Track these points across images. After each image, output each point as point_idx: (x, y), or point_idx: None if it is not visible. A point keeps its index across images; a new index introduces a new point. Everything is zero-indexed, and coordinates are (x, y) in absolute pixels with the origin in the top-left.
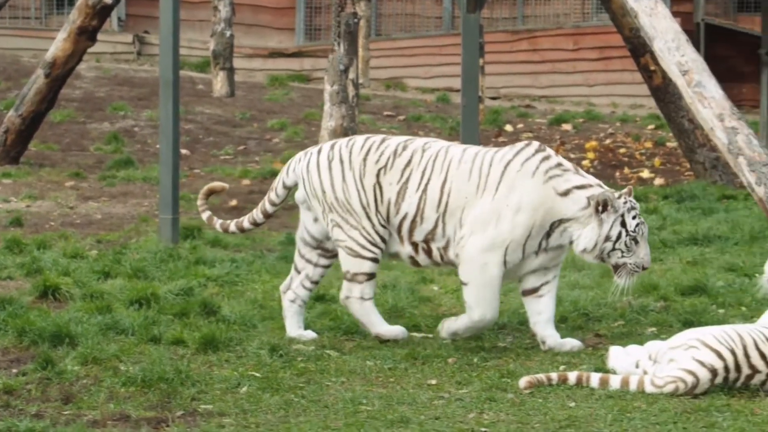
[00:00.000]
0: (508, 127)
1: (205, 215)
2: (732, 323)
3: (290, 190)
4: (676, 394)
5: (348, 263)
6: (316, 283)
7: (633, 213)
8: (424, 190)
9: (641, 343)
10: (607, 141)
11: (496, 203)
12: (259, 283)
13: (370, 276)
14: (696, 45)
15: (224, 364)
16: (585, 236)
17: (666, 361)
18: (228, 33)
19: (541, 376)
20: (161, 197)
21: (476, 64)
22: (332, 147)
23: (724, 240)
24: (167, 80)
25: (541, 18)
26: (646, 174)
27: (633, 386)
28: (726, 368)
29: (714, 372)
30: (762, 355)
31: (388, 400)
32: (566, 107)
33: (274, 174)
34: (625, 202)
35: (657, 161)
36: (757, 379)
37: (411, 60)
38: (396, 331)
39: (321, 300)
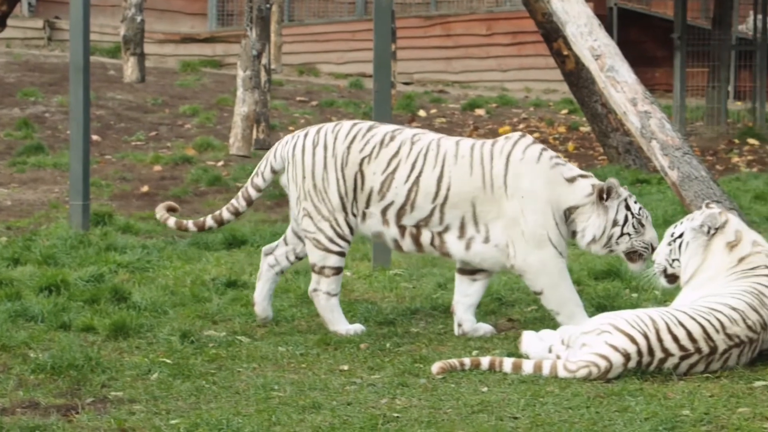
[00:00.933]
0: (422, 113)
1: (171, 222)
2: (644, 307)
3: (277, 174)
4: (589, 378)
5: (315, 256)
6: (300, 259)
7: (633, 198)
8: (415, 182)
9: (554, 328)
10: (521, 126)
11: (512, 200)
12: (170, 269)
13: (338, 270)
14: (609, 29)
15: (135, 351)
16: (592, 225)
17: (579, 346)
18: (139, 18)
19: (454, 361)
20: (72, 183)
21: (388, 49)
22: (318, 132)
23: None
24: (78, 66)
25: (454, 3)
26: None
27: (546, 371)
28: (639, 352)
29: (627, 356)
30: (675, 338)
31: (300, 386)
32: (479, 92)
33: (186, 160)
34: (630, 194)
35: (570, 146)
36: (670, 362)
37: (324, 45)
38: (356, 329)
39: (232, 286)
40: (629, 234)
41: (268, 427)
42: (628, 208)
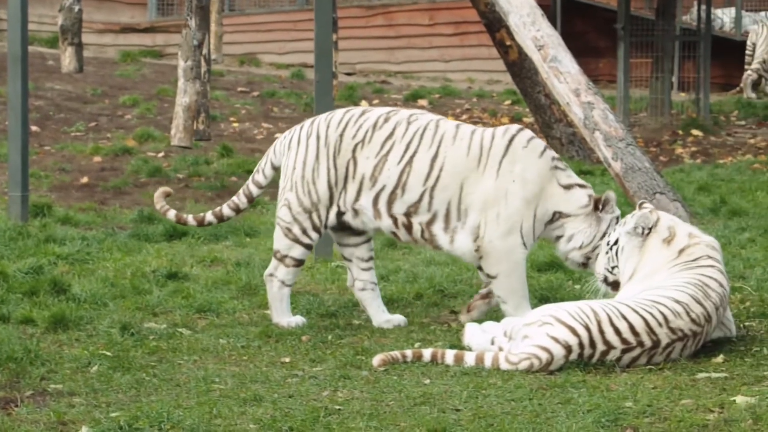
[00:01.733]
0: (364, 103)
1: (170, 214)
2: (587, 299)
3: (278, 170)
4: (530, 370)
5: (281, 243)
6: (370, 259)
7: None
8: (409, 162)
9: (497, 319)
10: (464, 117)
11: (501, 180)
12: (110, 261)
13: (299, 263)
14: (552, 20)
15: (74, 343)
16: (583, 233)
17: (520, 338)
18: (77, 8)
19: (396, 353)
20: (10, 175)
21: (329, 39)
22: (312, 122)
23: None
24: (16, 56)
25: None
26: None
27: (488, 363)
28: (580, 344)
29: (568, 348)
30: (617, 331)
31: (241, 378)
32: (422, 83)
33: (127, 151)
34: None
35: None
36: (612, 355)
37: (265, 35)
38: (296, 321)
39: (173, 278)
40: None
41: (208, 420)
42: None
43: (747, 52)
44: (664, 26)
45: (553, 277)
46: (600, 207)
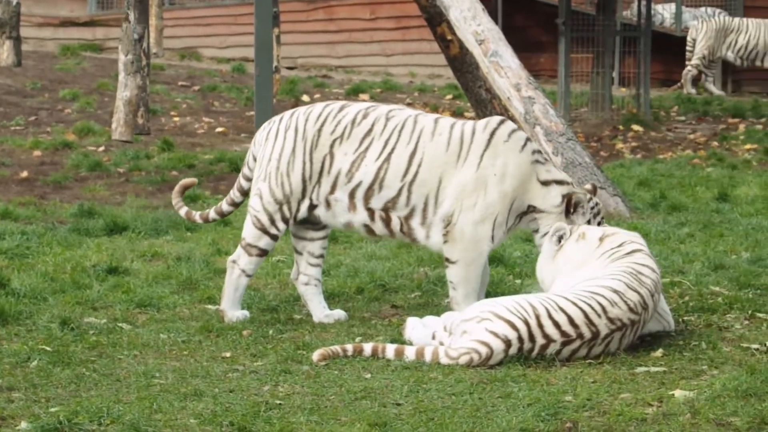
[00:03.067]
0: (305, 98)
1: (182, 211)
2: (528, 293)
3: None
4: (470, 365)
5: (249, 232)
6: (320, 257)
7: (598, 219)
8: (387, 159)
9: (438, 314)
10: None
11: (481, 172)
12: (50, 255)
13: (263, 253)
14: (493, 15)
15: (14, 338)
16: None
17: (459, 333)
18: (15, 1)
19: (337, 348)
20: None
21: (269, 33)
22: (291, 115)
23: None
24: None
25: None
26: None
27: (428, 357)
28: (520, 338)
29: (508, 342)
30: (556, 324)
31: (182, 373)
32: (364, 77)
33: (67, 145)
34: (593, 207)
35: None
36: (552, 348)
37: (206, 29)
38: (239, 315)
39: (113, 273)
40: None
41: (149, 415)
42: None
43: (687, 48)
44: (605, 22)
45: (494, 272)
46: (571, 209)
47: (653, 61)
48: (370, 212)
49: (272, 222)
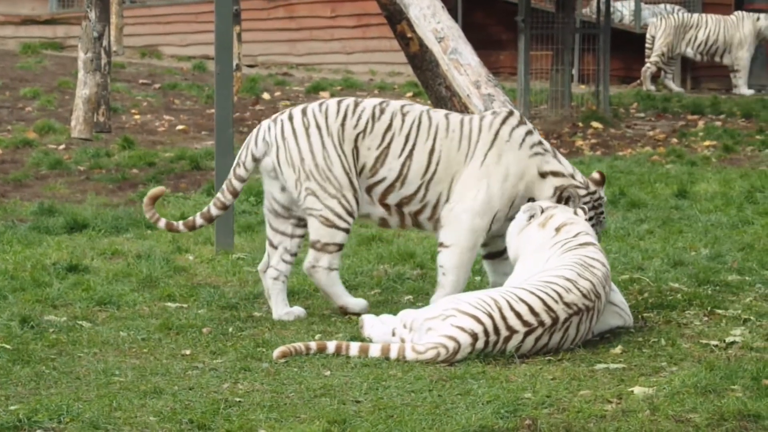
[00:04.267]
0: (266, 96)
1: (161, 223)
2: (486, 289)
3: (259, 162)
4: (437, 359)
5: (320, 233)
6: (295, 255)
7: (599, 210)
8: (409, 156)
9: (397, 311)
10: None
11: (484, 169)
12: (10, 253)
13: (341, 247)
14: (453, 12)
15: None
16: None
17: (424, 331)
18: None
19: (299, 345)
20: None
21: (230, 31)
22: (304, 113)
23: None
24: None
25: None
26: None
27: (393, 354)
28: (485, 332)
29: (474, 336)
30: (518, 315)
31: (142, 371)
32: (324, 75)
33: (27, 143)
34: (593, 199)
35: None
36: (515, 339)
37: (166, 27)
38: (361, 304)
39: (73, 271)
40: None
41: (108, 413)
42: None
43: (647, 45)
44: (564, 19)
45: None
46: (563, 202)
47: (612, 58)
48: (386, 207)
49: (339, 216)
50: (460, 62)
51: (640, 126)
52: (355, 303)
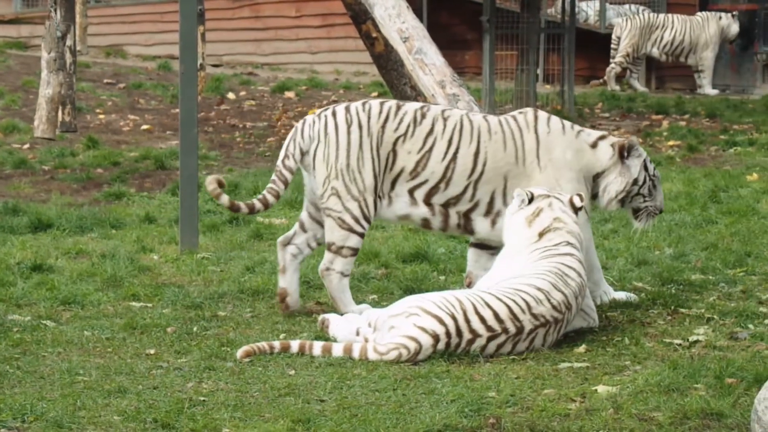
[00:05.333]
0: (231, 95)
1: (224, 199)
2: (452, 289)
3: (305, 155)
4: (399, 360)
5: (336, 235)
6: (320, 244)
7: (649, 159)
8: (453, 159)
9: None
10: None
11: (545, 172)
12: None
13: (355, 252)
14: (418, 12)
15: None
16: (615, 182)
17: (387, 329)
18: None
19: (263, 344)
20: None
21: (194, 31)
22: (348, 110)
23: None
24: None
25: None
26: None
27: (356, 354)
28: (447, 333)
29: (436, 337)
30: (482, 319)
31: (106, 370)
32: (289, 75)
33: None
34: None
35: None
36: (478, 343)
37: (131, 27)
38: (362, 309)
39: (37, 270)
40: (643, 195)
41: (72, 412)
42: (645, 168)
43: (612, 45)
44: (529, 19)
45: (418, 268)
46: (625, 154)
47: (577, 58)
48: (431, 207)
49: (356, 220)
50: (425, 62)
51: (605, 126)
52: (363, 308)
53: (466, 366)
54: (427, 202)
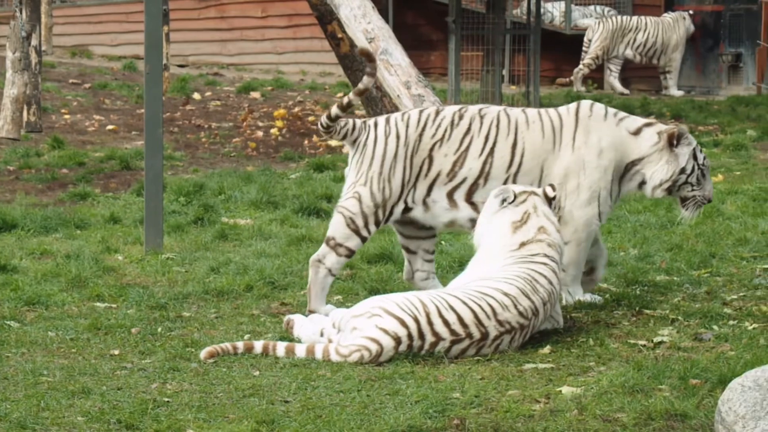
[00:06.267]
0: (196, 95)
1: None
2: (416, 290)
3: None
4: (361, 362)
5: (339, 232)
6: (433, 252)
7: (699, 148)
8: (490, 153)
9: (324, 312)
10: (296, 109)
11: (577, 152)
12: None
13: (351, 253)
14: (384, 13)
15: None
16: (661, 170)
17: (349, 330)
18: None
19: (227, 345)
20: None
21: (160, 31)
22: (387, 122)
23: None
24: None
25: None
26: (334, 142)
27: (318, 355)
28: (409, 336)
29: (397, 340)
30: (446, 322)
31: (70, 371)
32: (255, 75)
33: None
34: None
35: None
36: (441, 346)
37: (97, 27)
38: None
39: (1, 271)
40: (691, 184)
41: (36, 413)
42: (695, 157)
43: (584, 47)
44: (495, 20)
45: (383, 268)
46: (675, 142)
47: (543, 59)
48: (473, 206)
49: (366, 225)
50: (391, 63)
51: None
52: (325, 311)
53: (430, 367)
54: (469, 200)
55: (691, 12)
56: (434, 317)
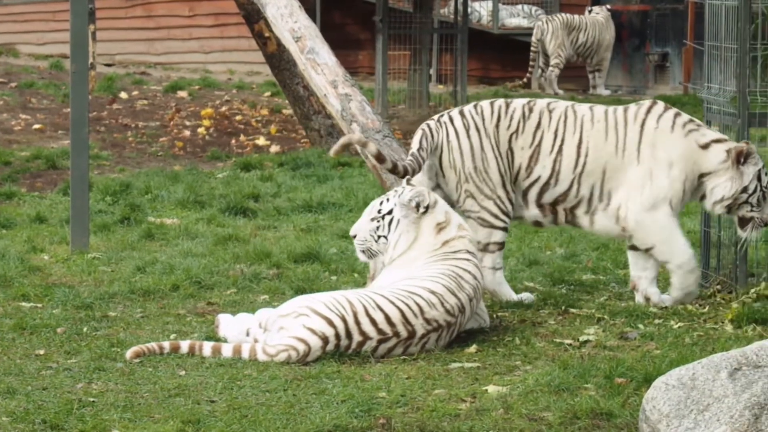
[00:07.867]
0: (123, 95)
1: (371, 148)
2: (343, 289)
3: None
4: (288, 362)
5: (480, 234)
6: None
7: (765, 169)
8: (559, 151)
9: (253, 310)
10: (223, 108)
11: (643, 165)
12: None
13: (501, 245)
14: (311, 12)
15: None
16: (723, 186)
17: (276, 329)
18: None
19: (153, 345)
20: None
21: (86, 29)
22: (462, 115)
23: (338, 207)
24: None
25: None
26: (262, 141)
27: (245, 354)
28: (337, 335)
29: (325, 339)
30: (373, 322)
31: None
32: (182, 74)
33: None
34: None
35: (273, 128)
36: (368, 345)
37: (23, 26)
38: (530, 298)
39: None
40: (751, 204)
41: None
42: (759, 179)
43: (532, 48)
44: (422, 19)
45: (309, 268)
46: (741, 160)
47: (470, 59)
48: (542, 208)
49: (495, 216)
50: (317, 62)
51: None
52: (525, 297)
53: (356, 366)
54: (539, 203)
55: (608, 7)
56: (361, 316)
